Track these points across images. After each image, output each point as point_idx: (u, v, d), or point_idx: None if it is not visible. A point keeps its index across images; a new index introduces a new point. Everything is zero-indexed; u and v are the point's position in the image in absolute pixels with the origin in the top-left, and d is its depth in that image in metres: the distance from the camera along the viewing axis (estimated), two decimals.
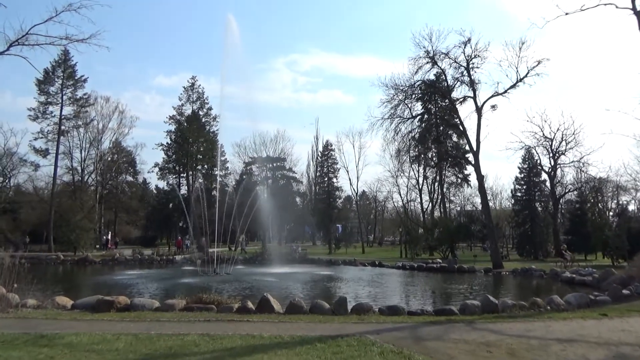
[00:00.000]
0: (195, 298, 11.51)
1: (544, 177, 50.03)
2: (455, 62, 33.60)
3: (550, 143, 49.88)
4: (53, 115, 46.62)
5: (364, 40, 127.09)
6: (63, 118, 46.77)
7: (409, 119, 35.83)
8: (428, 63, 33.01)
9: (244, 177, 68.80)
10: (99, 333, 8.01)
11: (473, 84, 33.49)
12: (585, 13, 33.26)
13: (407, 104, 35.32)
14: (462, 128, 34.56)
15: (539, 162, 49.47)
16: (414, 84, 33.98)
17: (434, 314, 11.02)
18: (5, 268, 11.33)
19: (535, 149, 49.07)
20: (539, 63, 32.01)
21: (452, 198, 62.40)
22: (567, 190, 53.92)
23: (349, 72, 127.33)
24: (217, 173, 42.05)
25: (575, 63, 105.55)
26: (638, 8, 18.02)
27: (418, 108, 41.16)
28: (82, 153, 56.31)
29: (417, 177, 59.91)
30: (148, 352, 6.91)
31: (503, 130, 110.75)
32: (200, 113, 57.42)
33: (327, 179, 63.13)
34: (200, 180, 59.57)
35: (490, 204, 41.99)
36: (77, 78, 47.02)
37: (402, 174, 60.36)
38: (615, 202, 60.71)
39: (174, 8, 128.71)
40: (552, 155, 50.47)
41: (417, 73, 33.47)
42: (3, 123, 67.04)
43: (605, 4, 19.22)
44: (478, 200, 67.52)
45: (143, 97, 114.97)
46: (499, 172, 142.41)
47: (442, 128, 49.20)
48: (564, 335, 8.55)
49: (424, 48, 32.73)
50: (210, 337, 7.83)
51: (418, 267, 32.11)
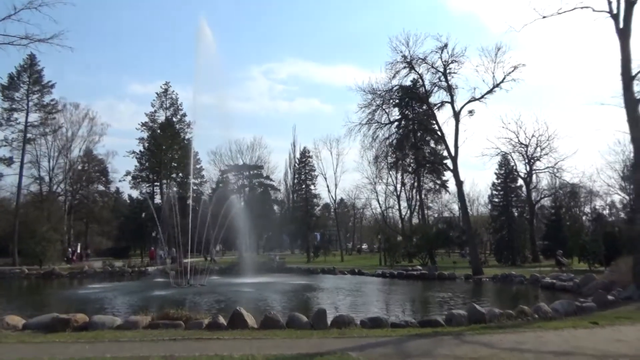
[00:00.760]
0: (162, 314, 10.61)
1: (520, 182, 50.36)
2: (433, 67, 33.43)
3: (526, 149, 50.26)
4: (18, 123, 44.72)
5: (342, 50, 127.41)
6: (29, 125, 44.82)
7: (387, 125, 35.52)
8: (405, 68, 32.76)
9: (220, 185, 67.58)
10: (46, 359, 7.07)
11: (450, 89, 33.35)
12: (562, 17, 33.63)
13: (384, 109, 35.02)
14: (440, 133, 34.37)
15: (515, 168, 49.79)
16: (392, 89, 33.68)
17: (419, 326, 10.36)
18: None
19: (511, 155, 49.39)
20: (515, 68, 32.06)
21: (430, 204, 62.49)
22: (542, 196, 54.47)
23: (327, 81, 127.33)
24: (190, 181, 40.80)
25: (550, 69, 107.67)
26: (614, 11, 18.00)
27: (395, 114, 41.01)
28: (50, 162, 54.29)
29: (395, 183, 59.72)
30: None
31: (479, 137, 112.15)
32: (174, 119, 56.02)
33: (304, 187, 62.41)
34: (175, 189, 58.20)
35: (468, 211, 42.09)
36: (43, 84, 45.19)
37: (380, 181, 60.09)
38: (589, 207, 61.66)
39: (148, 15, 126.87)
40: (527, 161, 50.86)
41: (394, 78, 33.20)
42: None
43: (582, 7, 19.18)
44: (456, 207, 67.86)
45: (117, 105, 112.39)
46: (476, 178, 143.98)
47: (419, 134, 49.14)
48: (559, 348, 7.98)
49: (401, 53, 32.50)
50: (174, 359, 6.98)
51: (398, 274, 31.55)
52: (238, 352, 7.48)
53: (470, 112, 33.83)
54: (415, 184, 56.04)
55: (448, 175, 54.21)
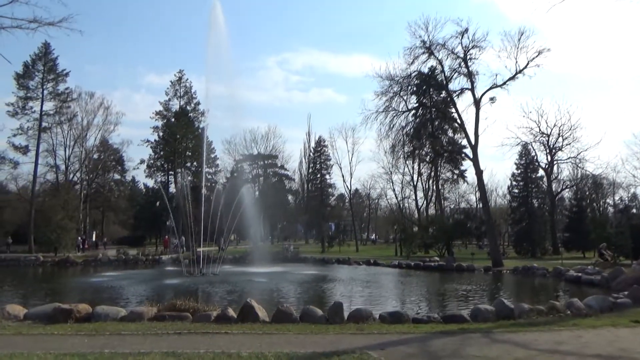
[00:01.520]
0: (169, 305, 10.02)
1: (541, 173, 49.00)
2: (452, 53, 32.37)
3: (547, 139, 48.81)
4: (33, 111, 44.64)
5: (357, 39, 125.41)
6: (44, 114, 44.71)
7: (404, 112, 34.47)
8: (424, 53, 31.74)
9: (235, 174, 67.23)
10: (40, 354, 6.49)
11: (471, 76, 32.27)
12: (587, 3, 32.06)
13: (402, 97, 34.00)
14: (460, 121, 33.27)
15: (536, 158, 48.42)
16: (410, 75, 32.66)
17: (443, 322, 9.60)
18: None
19: (532, 145, 48.00)
20: (539, 54, 30.91)
21: (446, 195, 61.34)
22: (564, 187, 53.01)
23: (342, 70, 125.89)
24: (203, 170, 40.24)
25: (571, 56, 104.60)
26: None
27: (413, 102, 39.87)
28: (66, 151, 54.35)
29: (411, 173, 58.69)
30: None
31: (498, 127, 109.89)
32: (188, 108, 55.53)
33: (319, 176, 61.73)
34: (190, 178, 57.91)
35: None
36: (58, 72, 44.98)
37: (396, 171, 59.09)
38: (612, 199, 59.90)
39: (165, 4, 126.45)
40: (548, 151, 49.44)
41: (413, 64, 32.21)
42: None
43: None
44: (473, 198, 66.79)
45: (133, 96, 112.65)
46: (494, 169, 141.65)
47: (437, 123, 47.93)
48: (603, 350, 7.15)
49: (420, 37, 31.47)
50: (176, 356, 6.35)
51: (415, 265, 30.78)
52: (247, 349, 6.82)
53: (492, 99, 32.78)
54: (432, 174, 54.93)
55: (466, 165, 53.09)
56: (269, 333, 8.13)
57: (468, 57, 31.89)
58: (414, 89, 39.35)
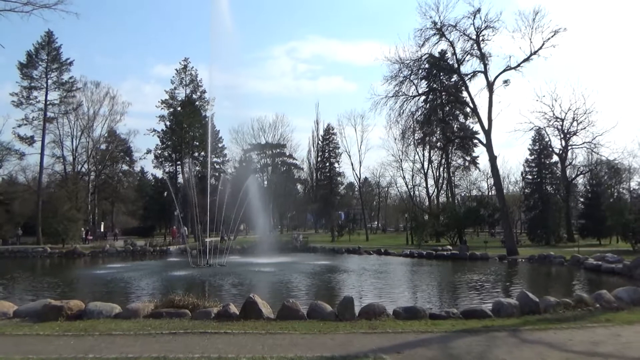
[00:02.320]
0: (167, 301, 9.34)
1: (555, 159, 47.74)
2: (464, 34, 31.10)
3: (561, 123, 47.53)
4: (38, 101, 44.09)
5: (367, 26, 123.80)
6: (48, 103, 44.22)
7: (415, 97, 33.29)
8: (435, 35, 30.51)
9: (243, 164, 66.67)
10: (17, 359, 5.82)
11: (484, 58, 31.04)
12: None
13: (412, 81, 32.82)
14: (472, 105, 32.12)
15: (550, 143, 47.12)
16: (421, 58, 31.46)
17: (463, 317, 8.82)
18: None
19: (546, 130, 46.68)
20: (555, 34, 29.55)
21: (457, 182, 60.21)
22: (579, 173, 51.70)
23: (350, 58, 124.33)
24: (208, 159, 39.58)
25: (588, 37, 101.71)
26: None
27: (423, 86, 38.69)
28: (73, 141, 54.03)
29: (422, 161, 57.63)
30: None
31: (511, 112, 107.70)
32: (194, 97, 54.78)
33: (328, 164, 60.95)
34: (198, 168, 57.38)
35: None
36: (62, 61, 44.39)
37: (406, 158, 58.03)
38: (627, 184, 58.46)
39: None
40: (563, 136, 48.17)
41: (423, 46, 30.99)
42: None
43: None
44: (485, 185, 65.67)
45: (143, 86, 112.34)
46: (506, 155, 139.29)
47: (448, 108, 46.76)
48: None
49: (431, 18, 30.26)
50: None
51: (427, 254, 29.99)
52: (247, 352, 6.12)
53: (506, 82, 31.54)
54: (443, 161, 53.83)
55: (478, 152, 51.97)
56: (273, 333, 7.41)
57: (481, 38, 30.67)
58: (424, 74, 38.19)
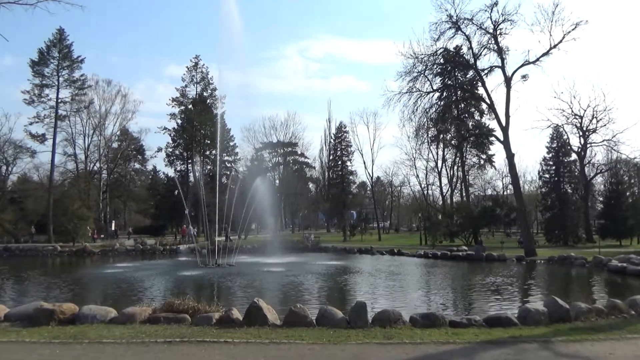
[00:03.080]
0: (166, 304, 8.73)
1: (574, 157, 46.42)
2: (481, 28, 30.16)
3: (580, 120, 46.07)
4: (49, 99, 44.06)
5: (379, 25, 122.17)
6: (60, 101, 44.19)
7: (430, 93, 32.41)
8: (451, 28, 29.61)
9: (255, 162, 66.21)
10: None
11: (501, 52, 30.06)
12: None
13: (426, 77, 31.94)
14: (489, 101, 31.16)
15: (568, 141, 45.80)
16: (436, 52, 30.56)
17: (487, 325, 8.06)
18: None
19: (564, 127, 45.35)
20: (576, 26, 28.47)
21: (472, 182, 59.05)
22: (598, 171, 50.31)
23: (363, 57, 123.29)
24: (217, 157, 39.15)
25: (608, 31, 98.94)
26: None
27: (438, 83, 37.73)
28: (85, 140, 54.04)
29: (435, 159, 56.57)
30: None
31: (527, 109, 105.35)
32: (205, 94, 54.41)
33: (340, 163, 60.11)
34: (209, 167, 56.97)
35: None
36: (73, 59, 44.28)
37: (420, 156, 57.06)
38: None
39: None
40: (581, 134, 46.74)
41: (438, 40, 30.10)
42: None
43: None
44: (500, 184, 64.36)
45: (156, 86, 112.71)
46: (522, 153, 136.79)
47: (463, 105, 45.61)
48: None
49: (446, 11, 29.36)
50: None
51: (442, 255, 29.12)
52: None
53: (524, 77, 30.57)
54: (457, 160, 52.75)
55: (494, 150, 50.79)
56: (277, 342, 6.72)
57: (498, 32, 29.69)
58: (439, 70, 37.25)
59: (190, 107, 53.54)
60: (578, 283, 18.54)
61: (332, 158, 63.55)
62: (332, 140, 64.54)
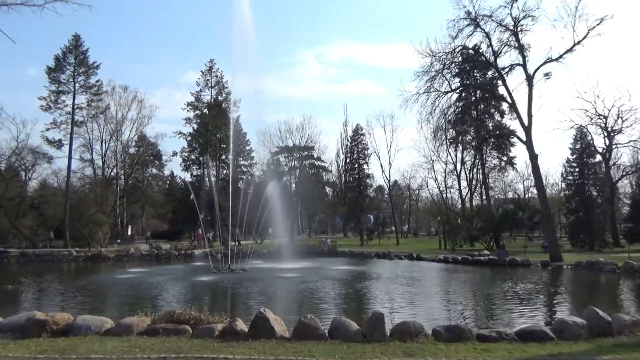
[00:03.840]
0: (166, 314, 8.09)
1: (599, 158, 44.88)
2: (501, 25, 29.15)
3: (604, 121, 44.54)
4: (65, 105, 44.20)
5: (396, 29, 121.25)
6: (76, 107, 44.34)
7: (448, 93, 31.46)
8: (469, 25, 28.67)
9: (271, 167, 65.76)
10: None
11: (522, 50, 29.00)
12: None
13: (444, 76, 31.00)
14: (510, 100, 30.07)
15: (592, 142, 44.30)
16: (454, 50, 29.63)
17: (519, 340, 7.22)
18: None
19: (587, 128, 43.87)
20: (601, 21, 27.27)
21: (491, 184, 57.63)
22: (624, 173, 48.58)
23: (380, 62, 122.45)
24: (230, 162, 38.77)
25: (634, 27, 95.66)
26: None
27: (456, 83, 36.76)
28: (102, 145, 54.26)
29: (454, 162, 55.28)
30: None
31: (548, 110, 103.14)
32: (220, 98, 54.20)
33: (357, 166, 59.34)
34: (225, 171, 56.69)
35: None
36: (89, 64, 44.43)
37: (438, 159, 55.85)
38: None
39: (202, 2, 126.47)
40: (606, 135, 45.19)
41: (456, 37, 29.17)
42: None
43: None
44: (521, 187, 62.72)
45: (174, 93, 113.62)
46: (544, 155, 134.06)
47: (482, 106, 44.44)
48: None
49: (465, 8, 28.45)
50: None
51: (462, 260, 28.08)
52: None
53: (547, 74, 29.41)
54: (477, 162, 51.44)
55: (515, 151, 49.41)
56: (284, 359, 5.99)
57: (519, 28, 28.66)
58: (457, 70, 36.34)
59: (205, 111, 53.36)
60: (611, 291, 17.39)
61: (348, 161, 62.85)
62: (348, 143, 63.89)
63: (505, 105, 39.02)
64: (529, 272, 23.17)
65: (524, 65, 29.08)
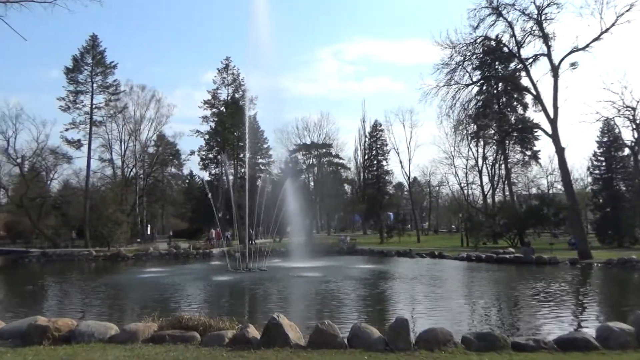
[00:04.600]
0: (173, 320, 7.58)
1: (627, 152, 43.25)
2: (524, 13, 28.04)
3: (633, 113, 42.74)
4: (84, 105, 44.52)
5: (414, 24, 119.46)
6: (94, 107, 44.57)
7: (469, 85, 30.44)
8: (491, 15, 27.65)
9: (289, 165, 65.39)
10: None
11: (547, 39, 27.80)
12: None
13: (465, 68, 29.99)
14: (535, 92, 28.94)
15: (620, 135, 42.69)
16: (475, 41, 28.63)
17: (559, 349, 6.51)
18: None
19: (615, 120, 42.26)
20: (631, 7, 25.92)
21: (514, 180, 56.21)
22: None
23: (397, 58, 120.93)
24: (246, 160, 38.38)
25: None
26: None
27: (477, 75, 35.61)
28: (122, 145, 54.55)
29: (475, 157, 53.95)
30: None
31: (573, 103, 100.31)
32: (237, 96, 53.96)
33: (376, 162, 58.55)
34: (243, 169, 56.47)
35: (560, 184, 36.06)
36: (106, 64, 44.64)
37: (459, 154, 54.58)
38: None
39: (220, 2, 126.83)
40: (635, 127, 43.39)
41: (478, 28, 28.15)
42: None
43: None
44: (545, 182, 61.04)
45: (194, 93, 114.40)
46: (569, 149, 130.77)
47: (505, 99, 43.21)
48: None
49: None
50: None
51: (486, 258, 27.09)
52: None
53: (573, 64, 28.13)
54: (500, 157, 50.11)
55: (539, 145, 48.02)
56: None
57: (543, 17, 27.50)
58: (478, 63, 35.20)
59: (222, 109, 53.18)
60: None
61: (367, 158, 62.05)
62: (366, 140, 63.09)
63: (529, 98, 37.80)
64: (558, 270, 22.16)
65: (549, 55, 27.88)
